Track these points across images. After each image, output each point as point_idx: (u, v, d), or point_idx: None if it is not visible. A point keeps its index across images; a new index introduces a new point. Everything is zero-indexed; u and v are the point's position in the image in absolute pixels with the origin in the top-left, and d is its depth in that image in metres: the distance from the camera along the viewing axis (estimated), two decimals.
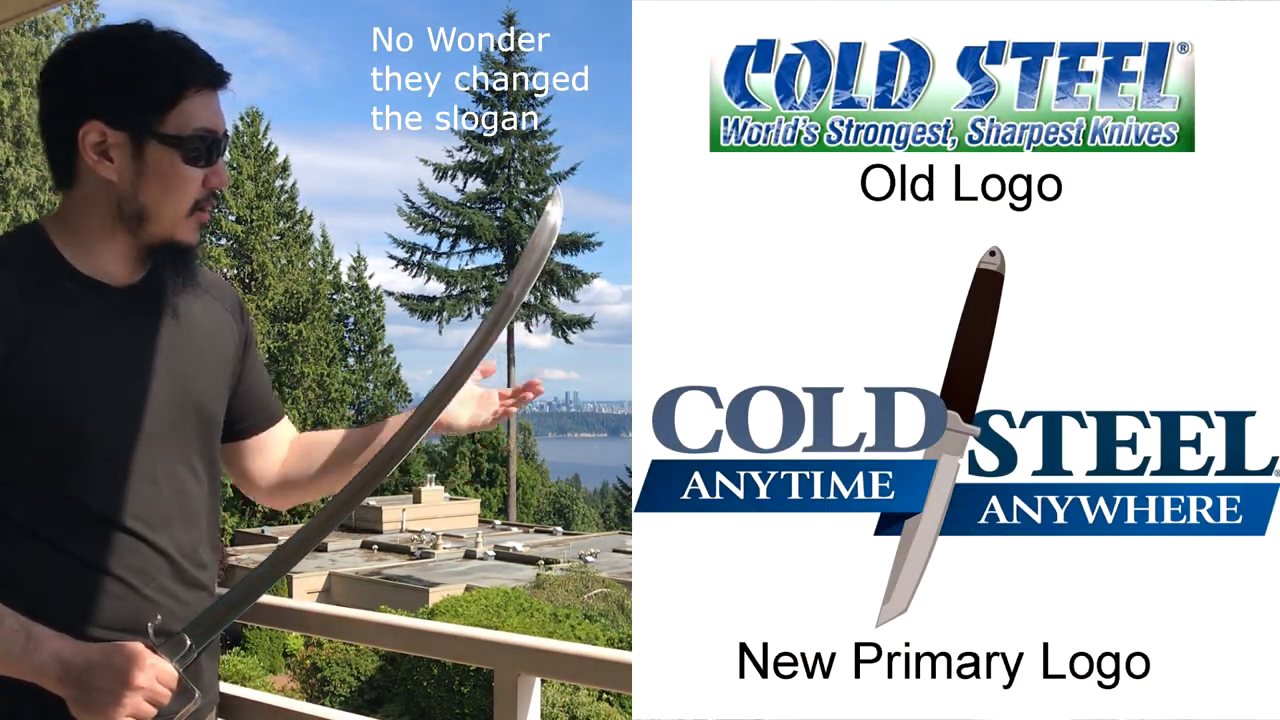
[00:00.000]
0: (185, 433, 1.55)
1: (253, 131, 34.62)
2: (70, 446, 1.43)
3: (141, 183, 1.47)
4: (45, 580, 1.41)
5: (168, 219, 1.49)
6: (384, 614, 2.26)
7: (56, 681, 1.36)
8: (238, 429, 1.69)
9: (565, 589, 18.23)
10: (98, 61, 1.48)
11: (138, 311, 1.52)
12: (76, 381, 1.43)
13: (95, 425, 1.44)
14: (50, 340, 1.43)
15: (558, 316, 37.08)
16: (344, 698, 14.64)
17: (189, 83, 1.48)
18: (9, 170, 26.68)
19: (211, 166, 1.51)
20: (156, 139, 1.46)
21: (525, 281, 1.54)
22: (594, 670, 1.67)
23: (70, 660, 1.36)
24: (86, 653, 1.36)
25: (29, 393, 1.40)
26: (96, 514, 1.45)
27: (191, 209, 1.50)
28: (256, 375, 1.73)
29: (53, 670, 1.35)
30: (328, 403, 34.41)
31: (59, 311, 1.45)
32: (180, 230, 1.51)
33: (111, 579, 1.44)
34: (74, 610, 1.40)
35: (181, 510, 1.53)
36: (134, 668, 1.36)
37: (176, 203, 1.49)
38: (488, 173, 37.07)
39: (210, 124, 1.49)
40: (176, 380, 1.53)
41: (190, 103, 1.48)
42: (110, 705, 1.35)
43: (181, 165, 1.47)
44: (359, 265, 38.99)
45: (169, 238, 1.50)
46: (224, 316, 1.67)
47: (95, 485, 1.45)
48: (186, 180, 1.48)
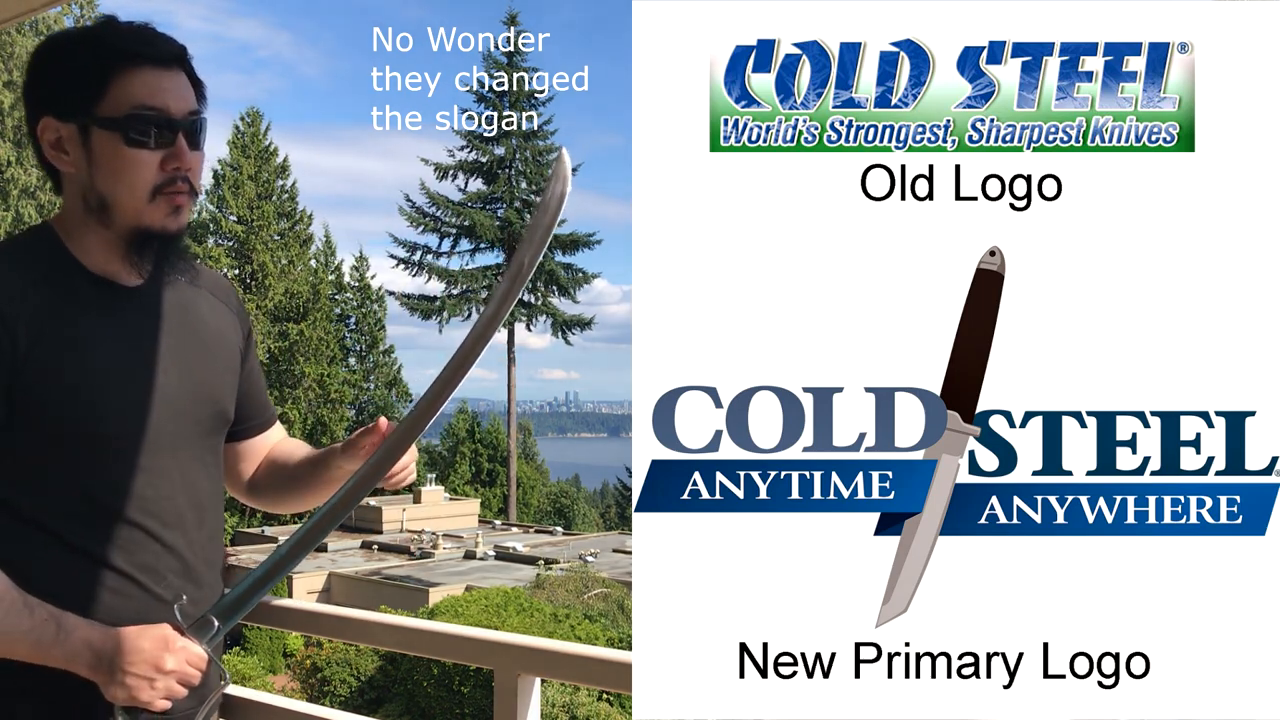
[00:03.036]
0: (197, 430, 1.55)
1: (253, 131, 34.62)
2: (83, 444, 1.43)
3: (95, 171, 1.45)
4: (55, 577, 1.42)
5: (128, 206, 1.46)
6: (384, 614, 2.26)
7: (88, 668, 1.38)
8: (234, 431, 1.69)
9: (565, 589, 18.24)
10: (43, 59, 1.49)
11: (147, 310, 1.52)
12: (89, 380, 1.43)
13: (108, 423, 1.44)
14: (62, 338, 1.43)
15: (558, 316, 37.09)
16: (344, 698, 14.64)
17: (118, 61, 1.44)
18: (9, 170, 26.68)
19: (169, 148, 1.45)
20: (97, 124, 1.44)
21: (537, 248, 1.50)
22: (594, 670, 1.67)
23: (101, 647, 1.38)
24: (116, 638, 1.38)
25: (42, 390, 1.40)
26: (108, 511, 1.45)
27: (152, 193, 1.45)
28: (255, 379, 1.73)
29: (85, 657, 1.37)
30: (328, 403, 34.41)
31: (70, 310, 1.45)
32: (146, 216, 1.46)
33: (121, 576, 1.45)
34: (82, 608, 1.41)
35: (194, 507, 1.53)
36: (164, 650, 1.39)
37: (130, 188, 1.45)
38: (489, 172, 37.07)
39: (153, 102, 1.44)
40: (187, 378, 1.53)
41: (125, 82, 1.44)
42: (143, 688, 1.37)
43: (124, 148, 1.44)
44: (360, 265, 39.02)
45: (137, 226, 1.47)
46: (229, 317, 1.67)
47: (107, 483, 1.45)
48: (134, 163, 1.44)
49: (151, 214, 1.46)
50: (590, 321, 37.90)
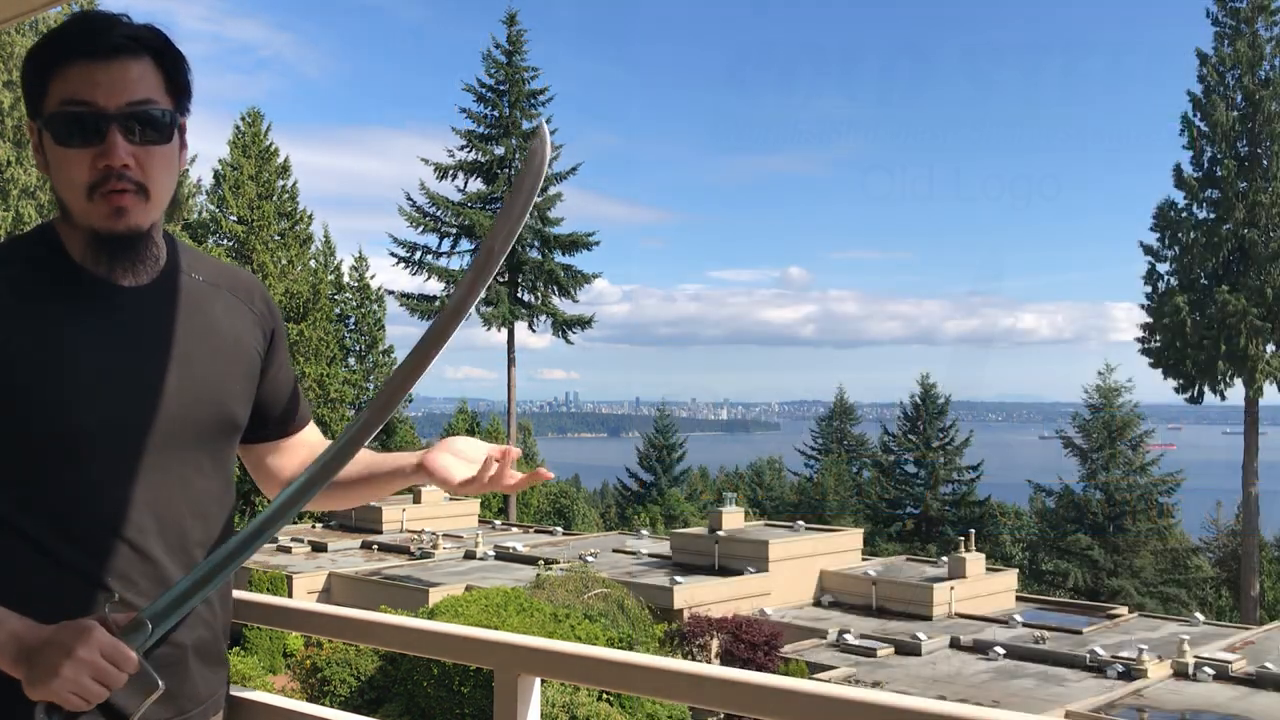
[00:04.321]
0: (196, 434, 1.49)
1: (253, 131, 34.58)
2: (56, 446, 1.39)
3: (50, 173, 1.42)
4: (21, 581, 1.38)
5: (75, 207, 1.41)
6: (384, 614, 2.26)
7: (12, 661, 1.32)
8: (259, 433, 1.64)
9: (565, 589, 18.22)
10: (24, 60, 1.44)
11: (145, 311, 1.47)
12: (65, 380, 1.39)
13: (83, 424, 1.39)
14: (42, 338, 1.39)
15: (558, 317, 37.03)
16: (344, 698, 14.63)
17: (53, 58, 1.38)
18: (9, 170, 26.64)
19: (96, 144, 1.37)
20: (44, 124, 1.40)
21: (516, 220, 1.39)
22: (594, 670, 1.67)
23: (24, 638, 1.32)
24: (40, 632, 1.32)
25: (12, 390, 1.37)
26: (80, 516, 1.40)
27: (88, 192, 1.38)
28: (283, 379, 1.66)
29: (10, 649, 1.32)
30: (328, 403, 34.36)
31: (54, 309, 1.41)
32: (91, 217, 1.40)
33: (89, 583, 1.40)
34: (51, 614, 1.35)
35: (192, 514, 1.49)
36: (80, 643, 1.28)
37: (68, 188, 1.39)
38: (488, 172, 37.01)
39: (80, 95, 1.36)
40: (188, 380, 1.48)
41: (59, 78, 1.38)
42: (50, 678, 1.28)
43: (57, 147, 1.38)
44: (360, 265, 38.97)
45: (89, 227, 1.41)
46: (247, 317, 1.60)
47: (81, 486, 1.40)
48: (65, 161, 1.38)
49: (93, 214, 1.40)
50: (590, 321, 37.85)
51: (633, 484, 49.50)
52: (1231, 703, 16.42)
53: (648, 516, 42.38)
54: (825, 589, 23.75)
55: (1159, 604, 32.56)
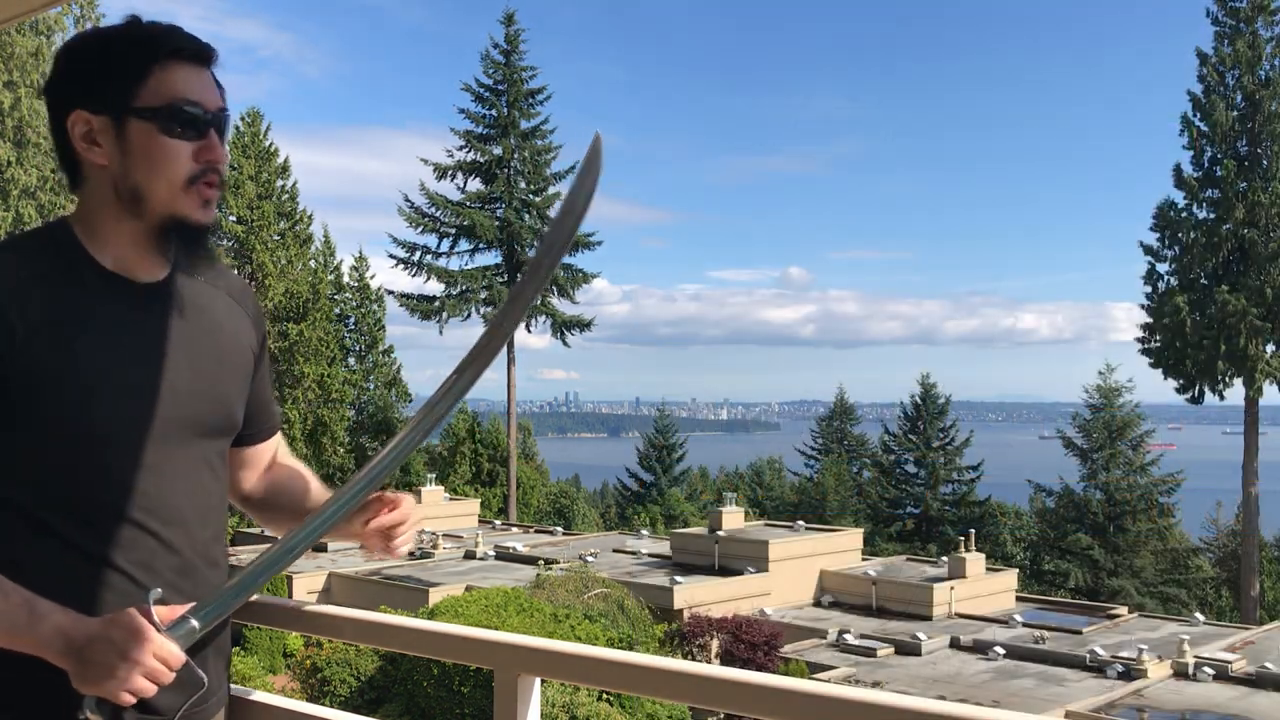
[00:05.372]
0: (204, 432, 1.54)
1: (253, 131, 34.60)
2: (79, 440, 1.42)
3: (129, 162, 1.46)
4: (47, 571, 1.41)
5: (161, 196, 1.47)
6: (384, 614, 2.26)
7: (59, 655, 1.35)
8: (239, 436, 1.68)
9: (565, 589, 18.22)
10: (75, 54, 1.50)
11: (160, 308, 1.52)
12: (87, 376, 1.42)
13: (105, 419, 1.43)
14: (62, 334, 1.42)
15: (557, 317, 37.03)
16: (344, 698, 14.63)
17: (158, 53, 1.47)
18: (9, 170, 26.65)
19: (203, 140, 1.48)
20: (134, 115, 1.46)
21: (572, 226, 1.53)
22: (594, 670, 1.67)
23: (71, 633, 1.34)
24: (87, 626, 1.35)
25: (38, 386, 1.40)
26: (105, 508, 1.44)
27: (186, 183, 1.48)
28: (264, 385, 1.72)
29: (56, 644, 1.34)
30: (328, 403, 34.38)
31: (74, 306, 1.44)
32: (180, 205, 1.48)
33: (115, 573, 1.44)
34: (78, 605, 1.39)
35: (199, 507, 1.53)
36: (134, 642, 1.32)
37: (166, 177, 1.47)
38: (487, 172, 37.01)
39: (192, 96, 1.47)
40: (199, 380, 1.53)
41: (164, 74, 1.46)
42: (107, 679, 1.32)
43: (161, 137, 1.46)
44: (360, 265, 38.97)
45: (171, 215, 1.48)
46: (245, 321, 1.66)
47: (105, 479, 1.44)
48: (170, 153, 1.47)
49: (184, 204, 1.48)
50: (589, 324, 37.84)
51: (633, 484, 49.49)
52: (1231, 703, 16.43)
53: (648, 516, 42.39)
54: (825, 589, 23.76)
55: (1159, 604, 32.59)
